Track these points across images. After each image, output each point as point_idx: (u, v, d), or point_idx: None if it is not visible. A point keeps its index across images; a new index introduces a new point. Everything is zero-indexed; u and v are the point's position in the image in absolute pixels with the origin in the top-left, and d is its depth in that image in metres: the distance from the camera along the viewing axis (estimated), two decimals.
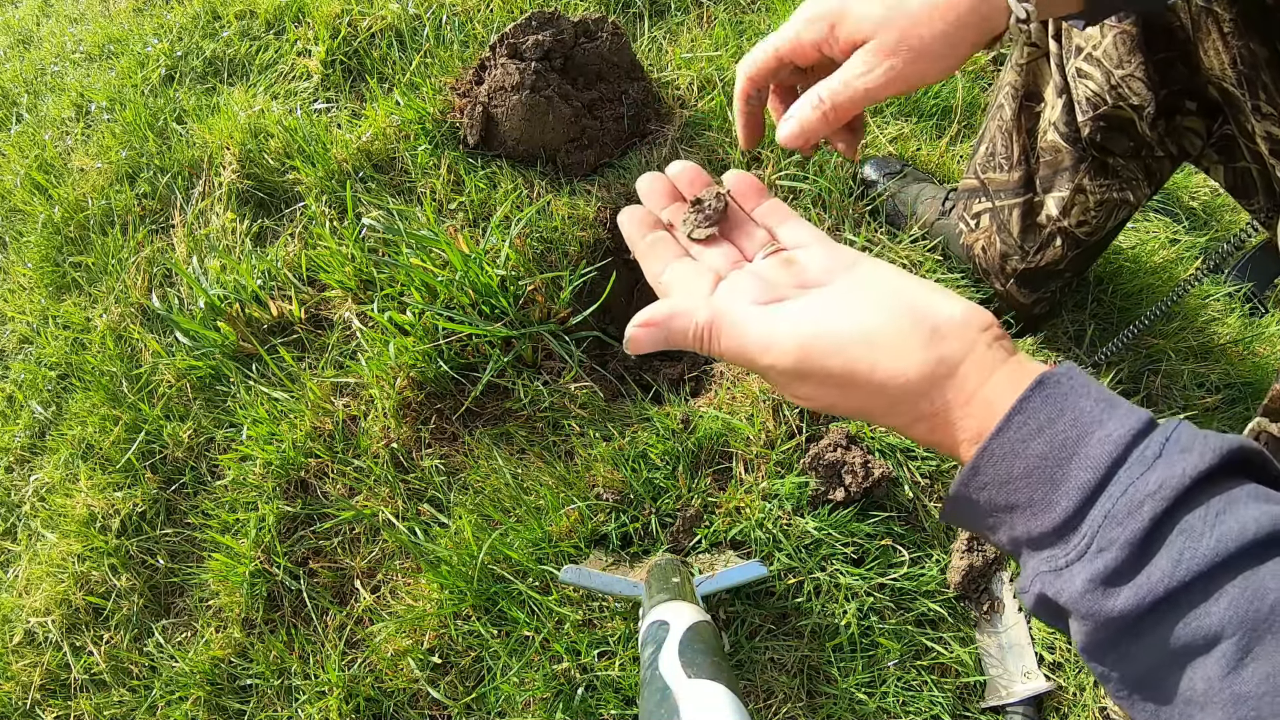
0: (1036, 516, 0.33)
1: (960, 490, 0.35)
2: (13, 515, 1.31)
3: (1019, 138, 0.97)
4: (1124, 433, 0.32)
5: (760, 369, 0.38)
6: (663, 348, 0.40)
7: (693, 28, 1.53)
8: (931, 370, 0.35)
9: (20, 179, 1.64)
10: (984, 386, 0.35)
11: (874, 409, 0.36)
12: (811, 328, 0.36)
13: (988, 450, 0.34)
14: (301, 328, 1.26)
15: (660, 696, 0.64)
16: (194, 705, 1.07)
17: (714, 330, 0.38)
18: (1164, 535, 0.30)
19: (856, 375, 0.35)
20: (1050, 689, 0.95)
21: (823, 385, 0.36)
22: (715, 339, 0.38)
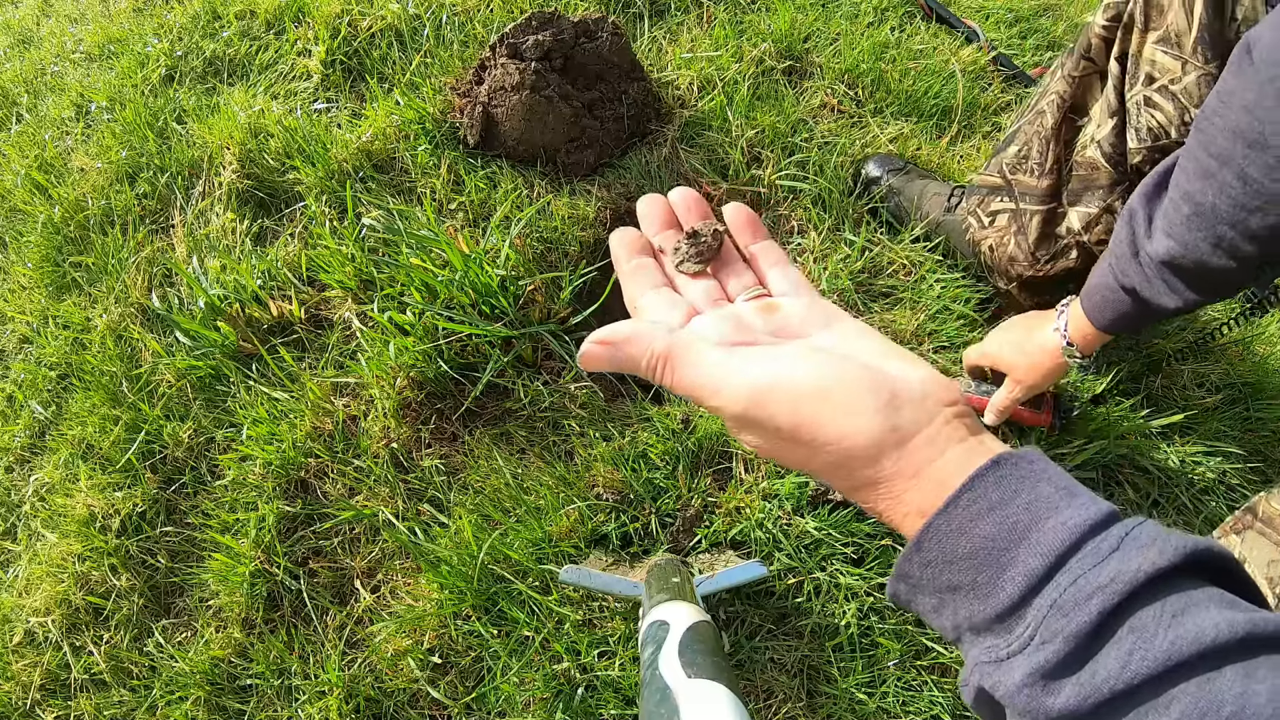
0: (980, 600, 0.31)
1: (904, 567, 0.34)
2: (13, 515, 1.31)
3: (1055, 147, 0.97)
4: (1080, 522, 0.30)
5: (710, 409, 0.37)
6: (615, 369, 0.39)
7: (693, 28, 1.53)
8: (880, 437, 0.33)
9: (20, 179, 1.64)
10: (935, 462, 0.33)
11: (818, 467, 0.35)
12: (766, 377, 0.35)
13: (932, 527, 0.32)
14: (301, 328, 1.26)
15: (660, 696, 0.64)
16: (194, 705, 1.07)
17: (668, 362, 0.37)
18: (1113, 632, 0.28)
19: (802, 431, 0.34)
20: None
21: (768, 436, 0.35)
22: (668, 371, 0.37)
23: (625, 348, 0.38)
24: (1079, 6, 1.83)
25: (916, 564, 0.33)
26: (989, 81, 1.48)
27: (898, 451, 0.33)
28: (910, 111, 1.41)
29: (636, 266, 0.44)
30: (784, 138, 1.35)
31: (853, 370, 0.35)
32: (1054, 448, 1.07)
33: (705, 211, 0.46)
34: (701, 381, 0.36)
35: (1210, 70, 0.78)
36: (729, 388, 0.35)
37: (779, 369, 0.35)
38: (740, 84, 1.39)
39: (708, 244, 0.44)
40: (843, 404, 0.34)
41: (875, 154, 1.33)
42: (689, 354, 0.37)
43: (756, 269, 0.45)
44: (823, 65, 1.45)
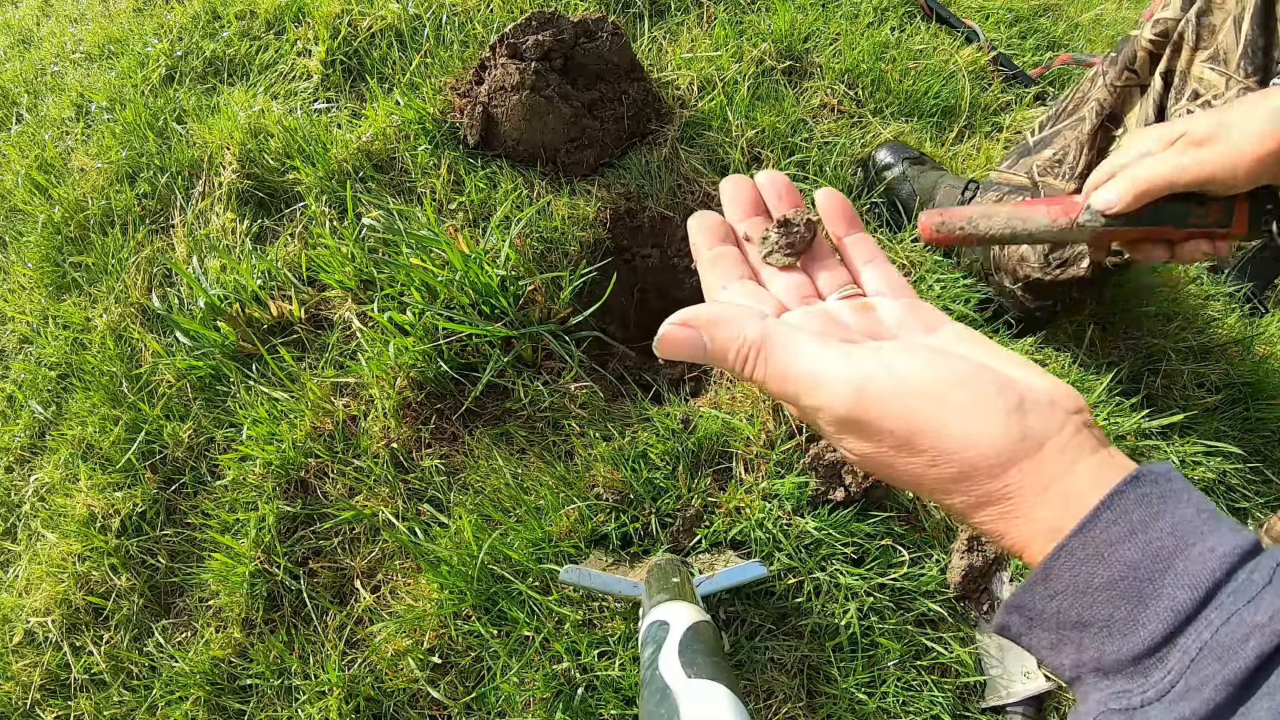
0: (1114, 639, 0.27)
1: (1024, 598, 0.29)
2: (13, 515, 1.31)
3: (1089, 153, 0.97)
4: (1229, 550, 0.26)
5: (806, 410, 0.33)
6: (696, 359, 0.35)
7: (693, 28, 1.53)
8: (1009, 445, 0.29)
9: (20, 179, 1.64)
10: (1067, 475, 0.29)
11: (933, 481, 0.30)
12: (876, 373, 0.31)
13: (1066, 550, 0.28)
14: (301, 328, 1.26)
15: (660, 696, 0.64)
16: (194, 705, 1.07)
17: (761, 351, 0.33)
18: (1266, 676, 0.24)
19: (919, 436, 0.30)
20: (1050, 689, 0.95)
21: (877, 441, 0.31)
22: (761, 361, 0.33)
23: (712, 331, 0.34)
24: (1079, 6, 1.83)
25: (1040, 595, 0.29)
26: (989, 81, 1.48)
27: (1028, 462, 0.29)
28: (910, 111, 1.41)
29: (718, 255, 0.40)
30: (784, 138, 1.35)
31: (972, 370, 0.31)
32: None
33: (796, 198, 0.42)
34: (799, 375, 0.32)
35: (1250, 84, 0.78)
36: (831, 384, 0.31)
37: (890, 363, 0.31)
38: (740, 84, 1.39)
39: (800, 234, 0.40)
40: (966, 407, 0.30)
41: (887, 142, 1.32)
42: (786, 343, 0.33)
43: (849, 264, 0.40)
44: (823, 65, 1.45)
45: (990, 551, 1.01)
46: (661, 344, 0.35)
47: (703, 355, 0.34)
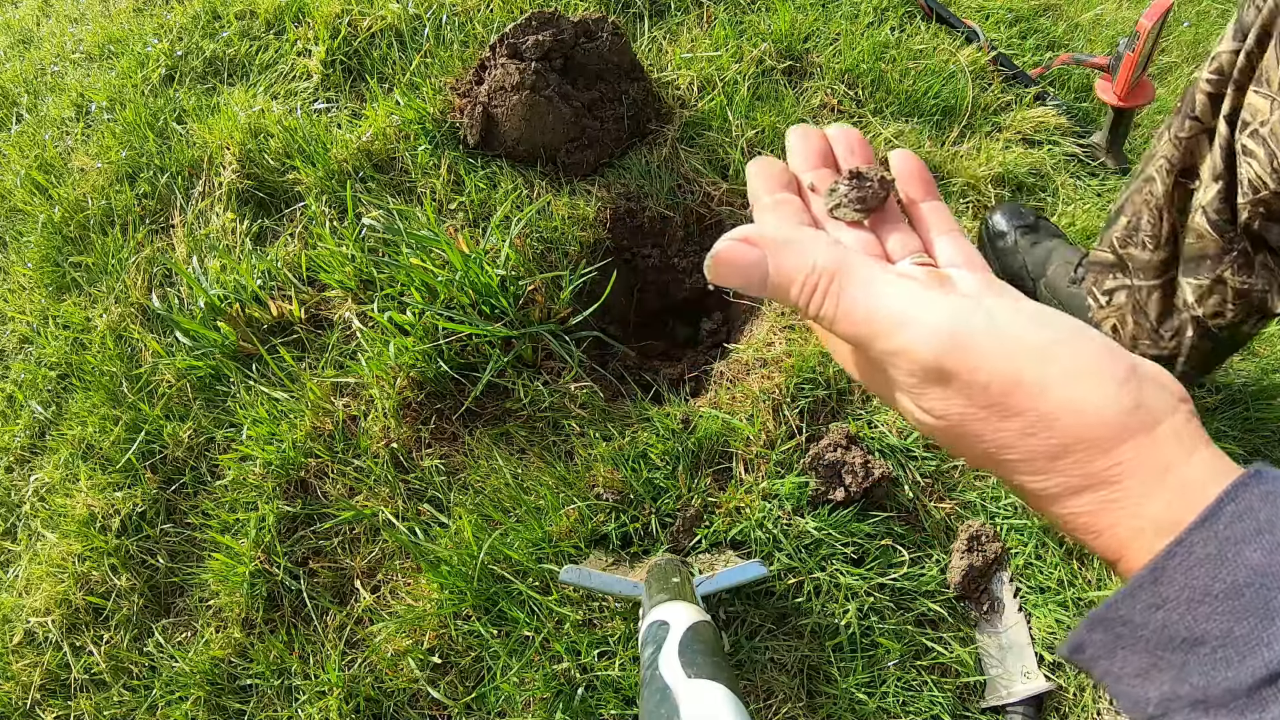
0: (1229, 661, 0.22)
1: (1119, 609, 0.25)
2: (13, 515, 1.31)
3: (1169, 215, 0.88)
4: None
5: (882, 355, 0.28)
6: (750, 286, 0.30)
7: (693, 28, 1.53)
8: (1123, 416, 0.25)
9: (20, 179, 1.64)
10: (1183, 464, 0.25)
11: (1025, 454, 0.26)
12: (972, 316, 0.26)
13: (1184, 545, 0.23)
14: (301, 328, 1.26)
15: (660, 696, 0.64)
16: (194, 705, 1.07)
17: (835, 282, 0.28)
18: None
19: (1017, 395, 0.25)
20: (1050, 689, 0.95)
21: (965, 399, 0.26)
22: (832, 294, 0.28)
23: (779, 252, 0.29)
24: (1079, 6, 1.83)
25: (1144, 603, 0.24)
26: (989, 81, 1.48)
27: (1144, 439, 0.25)
28: (910, 111, 1.41)
29: (780, 202, 0.35)
30: (784, 138, 1.35)
31: (1079, 331, 0.26)
32: None
33: (870, 156, 0.38)
34: (880, 313, 0.28)
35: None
36: (920, 325, 0.27)
37: (991, 310, 0.27)
38: (740, 84, 1.39)
39: (873, 190, 0.35)
40: (1074, 368, 0.25)
41: (1004, 204, 1.23)
42: (866, 276, 0.28)
43: (922, 233, 0.36)
44: (823, 65, 1.45)
45: (990, 551, 1.01)
46: (716, 263, 0.30)
47: (761, 282, 0.30)
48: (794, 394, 1.11)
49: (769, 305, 1.25)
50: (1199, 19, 2.11)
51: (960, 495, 1.07)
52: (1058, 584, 1.01)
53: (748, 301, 1.30)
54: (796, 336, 1.17)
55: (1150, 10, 1.17)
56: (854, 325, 0.28)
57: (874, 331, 0.28)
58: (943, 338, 0.26)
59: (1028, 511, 1.05)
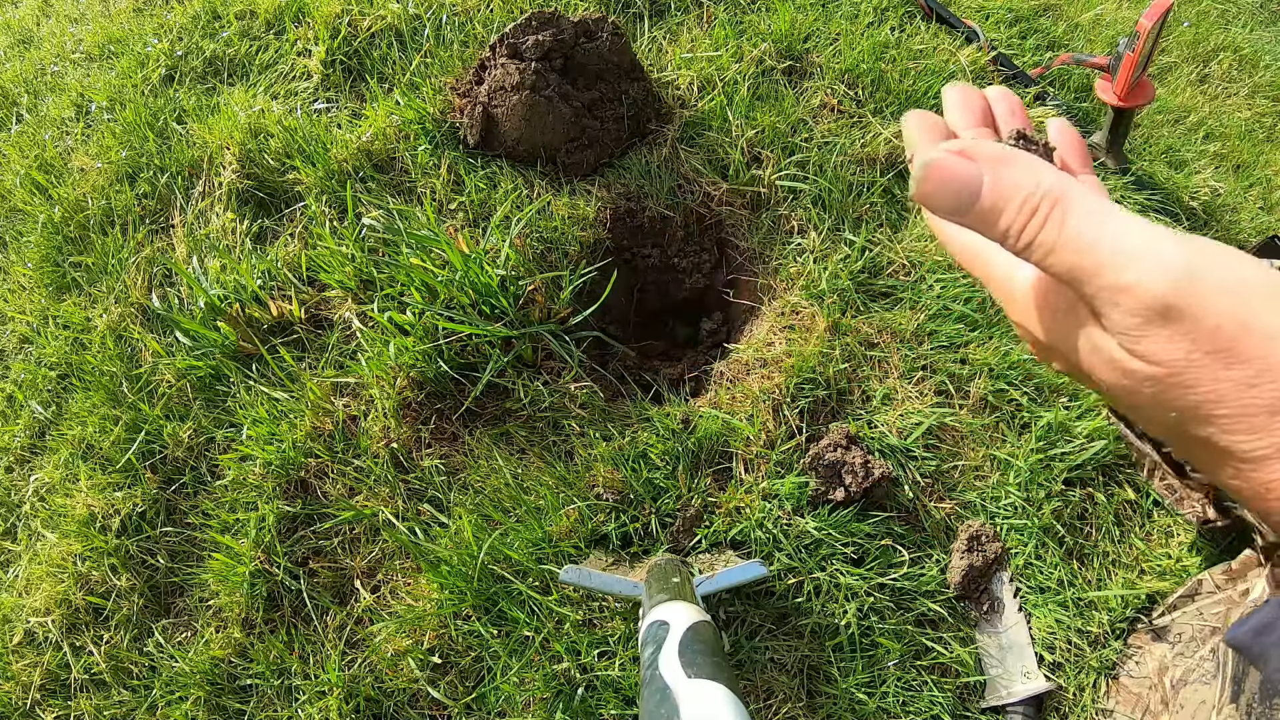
0: None
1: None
2: (13, 515, 1.31)
3: None
4: None
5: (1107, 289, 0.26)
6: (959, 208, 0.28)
7: (693, 28, 1.53)
8: None
9: (20, 179, 1.64)
10: None
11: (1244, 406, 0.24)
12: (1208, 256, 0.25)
13: None
14: (301, 328, 1.26)
15: (660, 696, 0.64)
16: (194, 705, 1.07)
17: (1059, 206, 0.27)
18: None
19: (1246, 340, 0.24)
20: (1050, 689, 0.95)
21: (1191, 340, 0.25)
22: (1055, 218, 0.27)
23: (998, 170, 0.28)
24: (1079, 6, 1.83)
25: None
26: (989, 81, 1.48)
27: None
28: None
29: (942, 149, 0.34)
30: (784, 138, 1.35)
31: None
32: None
33: (1029, 121, 0.37)
34: (1108, 240, 0.26)
35: None
36: (1154, 259, 0.25)
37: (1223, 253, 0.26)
38: (740, 84, 1.39)
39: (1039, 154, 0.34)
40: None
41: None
42: (1092, 206, 0.26)
43: None
44: (823, 65, 1.45)
45: (990, 551, 1.01)
46: (928, 177, 0.28)
47: (971, 202, 0.28)
48: (794, 394, 1.11)
49: (769, 305, 1.25)
50: (1199, 19, 2.11)
51: (960, 495, 1.07)
52: (1058, 584, 1.01)
53: (747, 301, 1.30)
54: (796, 336, 1.17)
55: (1150, 10, 1.17)
56: (1077, 255, 0.26)
57: (1099, 263, 0.26)
58: (1177, 274, 0.25)
59: (1028, 511, 1.05)
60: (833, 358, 1.13)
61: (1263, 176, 1.66)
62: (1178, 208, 1.45)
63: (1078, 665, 0.97)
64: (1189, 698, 0.86)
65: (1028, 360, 1.15)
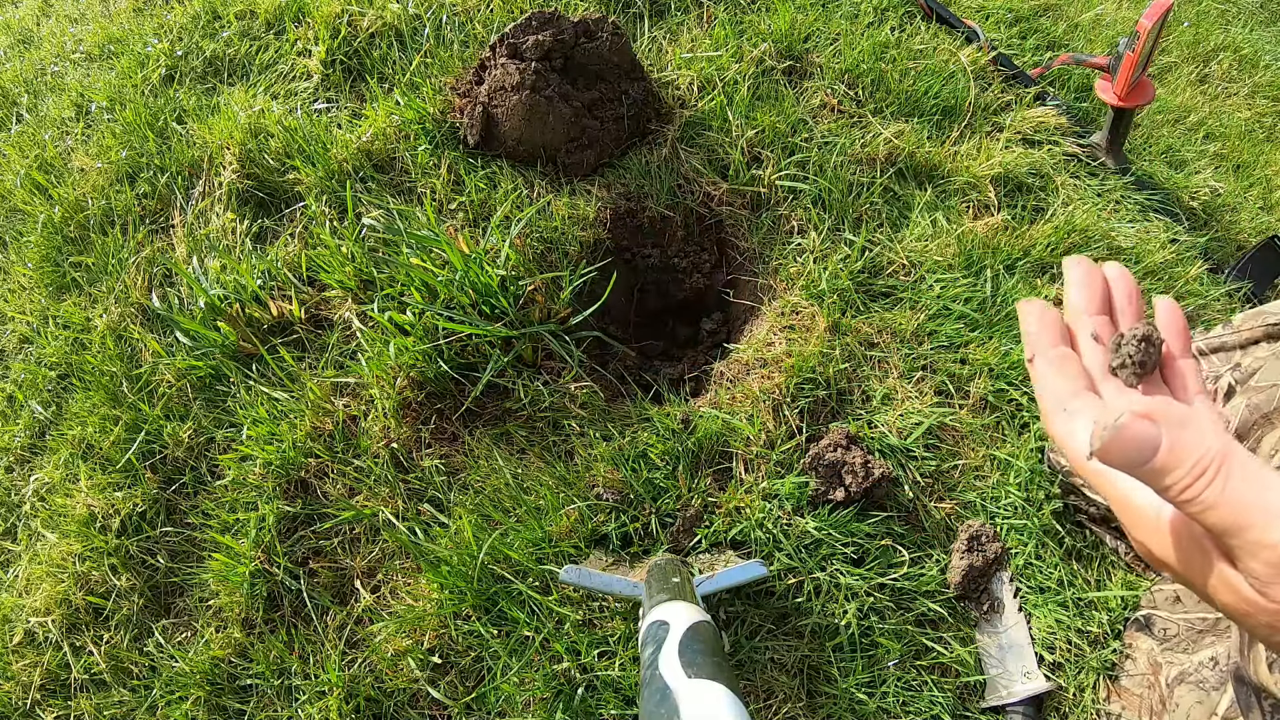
0: None
1: None
2: (13, 515, 1.31)
3: None
4: None
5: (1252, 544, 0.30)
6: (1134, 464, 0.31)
7: (693, 28, 1.53)
8: None
9: (20, 179, 1.64)
10: None
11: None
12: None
13: None
14: (301, 328, 1.26)
15: (660, 696, 0.64)
16: (194, 705, 1.07)
17: (1224, 468, 0.30)
18: None
19: None
20: (1050, 689, 0.95)
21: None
22: (1220, 479, 0.30)
23: (1177, 433, 0.31)
24: (1079, 6, 1.83)
25: None
26: (989, 81, 1.48)
27: None
28: (910, 111, 1.41)
29: (1062, 357, 0.38)
30: (784, 138, 1.35)
31: None
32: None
33: (1141, 304, 0.40)
34: (1258, 503, 0.29)
35: None
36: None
37: None
38: (740, 84, 1.39)
39: (1155, 356, 0.37)
40: None
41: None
42: (1252, 468, 0.30)
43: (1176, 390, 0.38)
44: (823, 65, 1.45)
45: (990, 551, 1.01)
46: (1117, 439, 0.31)
47: (1148, 458, 0.31)
48: (794, 394, 1.11)
49: (769, 305, 1.25)
50: (1199, 19, 2.11)
51: (960, 495, 1.07)
52: (1058, 584, 1.01)
53: (747, 301, 1.30)
54: (796, 336, 1.17)
55: (1150, 10, 1.17)
56: (1232, 512, 0.30)
57: (1252, 522, 0.29)
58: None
59: (1028, 511, 1.05)
60: (833, 358, 1.13)
61: (1263, 176, 1.66)
62: (1178, 208, 1.45)
63: (1078, 665, 0.97)
64: (1185, 698, 0.86)
65: None
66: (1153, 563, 0.36)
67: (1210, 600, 0.33)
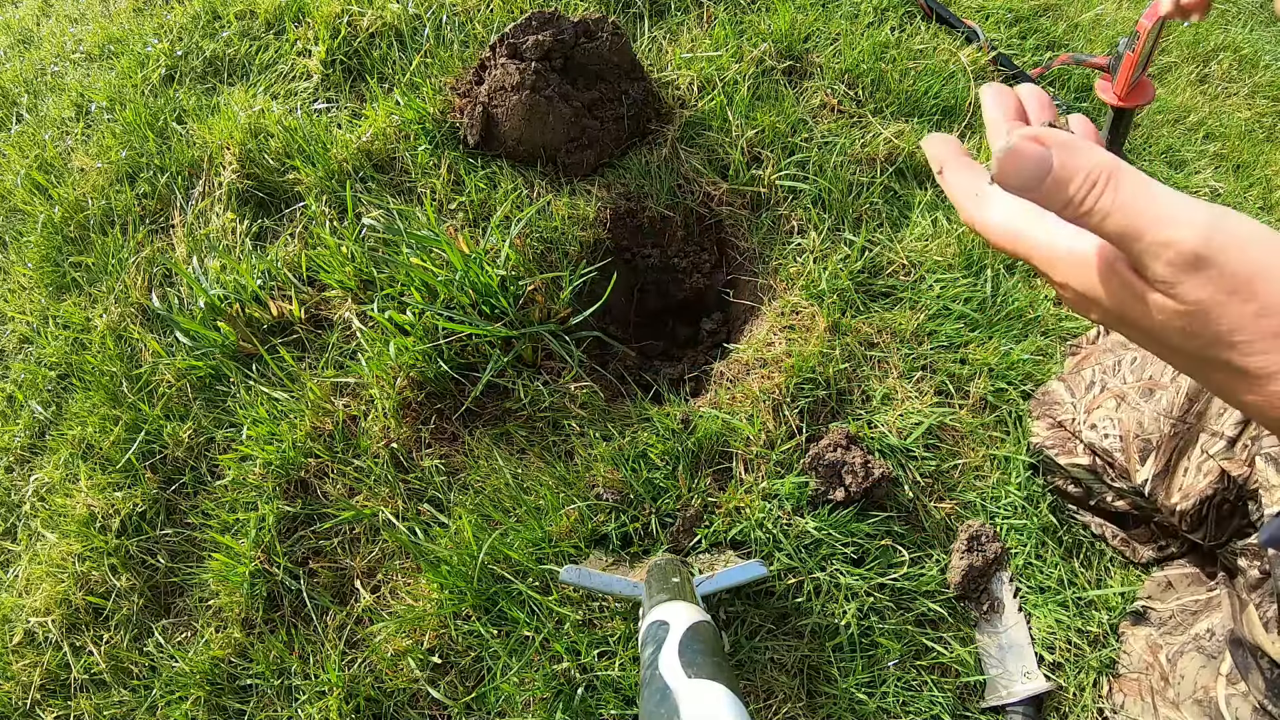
0: None
1: None
2: (13, 515, 1.31)
3: None
4: None
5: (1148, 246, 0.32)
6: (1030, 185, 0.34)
7: (693, 28, 1.53)
8: None
9: (20, 179, 1.64)
10: None
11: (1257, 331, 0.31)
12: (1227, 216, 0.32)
13: None
14: (301, 328, 1.26)
15: (660, 696, 0.64)
16: (194, 705, 1.07)
17: (1114, 179, 0.33)
18: None
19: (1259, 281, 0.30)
20: (1050, 689, 0.95)
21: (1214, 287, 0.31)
22: (1111, 188, 0.33)
23: (1065, 152, 0.34)
24: (1079, 6, 1.83)
25: None
26: (988, 79, 1.48)
27: None
28: (910, 111, 1.41)
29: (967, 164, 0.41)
30: (784, 138, 1.35)
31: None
32: None
33: (1055, 114, 0.44)
34: (1152, 206, 0.32)
35: None
36: (1188, 220, 0.32)
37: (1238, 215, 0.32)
38: (740, 84, 1.39)
39: None
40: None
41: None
42: (1138, 177, 0.33)
43: None
44: (823, 65, 1.45)
45: (990, 551, 1.01)
46: (1007, 160, 0.34)
47: (1041, 178, 0.34)
48: (794, 394, 1.11)
49: (769, 305, 1.25)
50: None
51: (960, 495, 1.07)
52: (1058, 584, 1.01)
53: (747, 301, 1.30)
54: (796, 336, 1.17)
55: (1150, 10, 1.17)
56: (1128, 218, 0.33)
57: (1144, 225, 0.32)
58: (1206, 231, 0.31)
59: (1028, 511, 1.05)
60: (833, 358, 1.13)
61: (1263, 176, 1.66)
62: None
63: (1078, 665, 0.97)
64: (1188, 667, 0.87)
65: (1027, 360, 1.15)
66: (1083, 307, 0.38)
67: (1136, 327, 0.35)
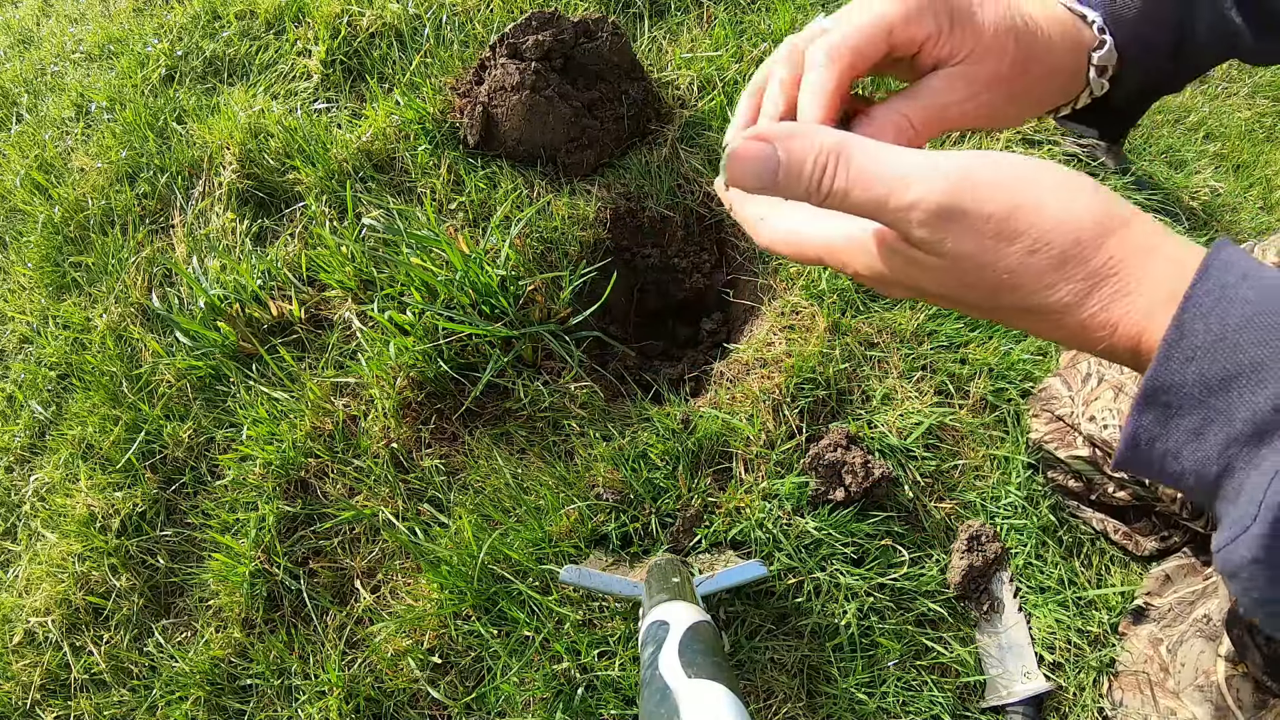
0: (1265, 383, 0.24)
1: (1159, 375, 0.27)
2: (13, 515, 1.31)
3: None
4: None
5: (898, 211, 0.30)
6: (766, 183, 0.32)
7: (693, 28, 1.53)
8: (1105, 215, 0.29)
9: (20, 179, 1.64)
10: (1165, 244, 0.28)
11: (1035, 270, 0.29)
12: (968, 160, 0.30)
13: (1193, 300, 0.26)
14: (301, 328, 1.26)
15: (660, 696, 0.64)
16: (194, 705, 1.07)
17: (842, 155, 0.31)
18: None
19: (1019, 214, 0.28)
20: (1050, 689, 0.95)
21: (977, 233, 0.29)
22: (843, 166, 0.31)
23: (789, 143, 0.32)
24: None
25: (1178, 359, 0.26)
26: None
27: (1124, 231, 0.29)
28: None
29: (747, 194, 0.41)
30: None
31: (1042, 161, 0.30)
32: None
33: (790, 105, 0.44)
34: (885, 174, 0.30)
35: None
36: (927, 176, 0.30)
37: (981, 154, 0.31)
38: (740, 84, 1.39)
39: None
40: (1057, 184, 0.29)
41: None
42: (867, 147, 0.31)
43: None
44: None
45: (990, 552, 1.01)
46: (731, 164, 0.32)
47: (775, 174, 0.32)
48: (794, 394, 1.11)
49: (769, 305, 1.25)
50: None
51: (960, 495, 1.07)
52: (1058, 584, 1.01)
53: (747, 301, 1.30)
54: (796, 336, 1.17)
55: None
56: (865, 191, 0.31)
57: (886, 192, 0.30)
58: (950, 180, 0.29)
59: (1028, 511, 1.05)
60: (833, 358, 1.13)
61: (1263, 176, 1.66)
62: (1178, 208, 1.44)
63: (1078, 665, 0.97)
64: (1188, 654, 0.87)
65: (1027, 360, 1.15)
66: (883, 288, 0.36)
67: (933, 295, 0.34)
